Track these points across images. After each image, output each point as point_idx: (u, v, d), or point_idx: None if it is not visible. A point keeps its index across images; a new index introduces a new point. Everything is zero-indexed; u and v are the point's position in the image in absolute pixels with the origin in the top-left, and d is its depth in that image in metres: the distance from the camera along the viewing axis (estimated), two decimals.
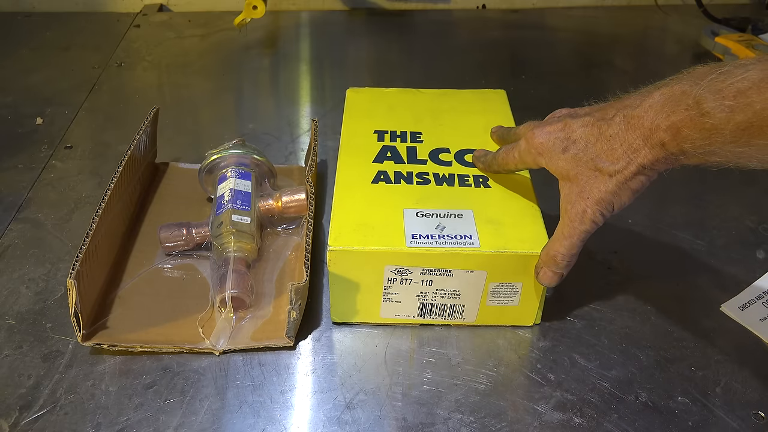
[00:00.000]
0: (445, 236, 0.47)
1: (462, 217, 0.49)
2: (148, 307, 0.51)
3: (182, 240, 0.54)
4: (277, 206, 0.57)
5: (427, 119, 0.59)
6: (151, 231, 0.57)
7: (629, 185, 0.42)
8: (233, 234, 0.52)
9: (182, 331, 0.49)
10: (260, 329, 0.49)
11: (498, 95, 0.63)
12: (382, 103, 0.62)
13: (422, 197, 0.50)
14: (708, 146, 0.38)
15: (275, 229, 0.58)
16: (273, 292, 0.52)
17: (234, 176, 0.57)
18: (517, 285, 0.48)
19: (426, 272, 0.47)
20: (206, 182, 0.60)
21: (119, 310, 0.50)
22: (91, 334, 0.48)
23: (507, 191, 0.51)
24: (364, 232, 0.47)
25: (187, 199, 0.62)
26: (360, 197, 0.50)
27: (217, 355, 0.48)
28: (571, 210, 0.44)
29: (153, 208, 0.61)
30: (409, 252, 0.46)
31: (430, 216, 0.49)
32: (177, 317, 0.50)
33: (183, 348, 0.48)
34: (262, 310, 0.51)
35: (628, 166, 0.41)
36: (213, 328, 0.49)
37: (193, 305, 0.51)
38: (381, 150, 0.55)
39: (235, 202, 0.55)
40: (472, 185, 0.52)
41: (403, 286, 0.48)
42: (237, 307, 0.50)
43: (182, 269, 0.54)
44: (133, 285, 0.53)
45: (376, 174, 0.53)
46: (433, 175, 0.53)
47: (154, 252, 0.56)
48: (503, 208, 0.50)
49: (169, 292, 0.52)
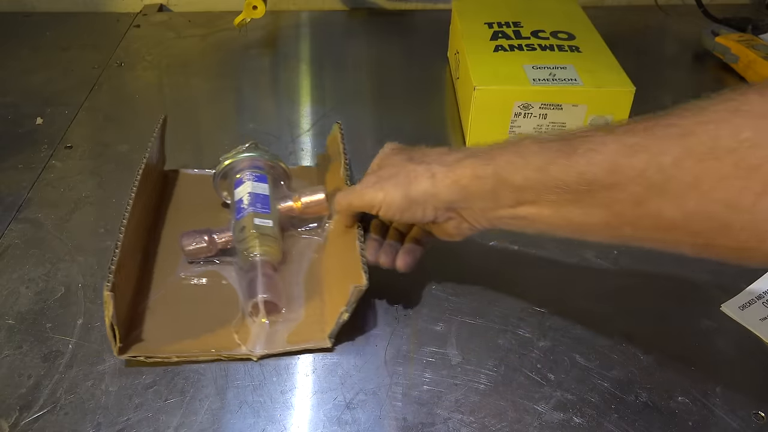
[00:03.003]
0: (557, 79, 0.65)
1: (566, 68, 0.67)
2: (177, 316, 0.50)
3: (205, 246, 0.53)
4: (297, 207, 0.56)
5: (520, 14, 0.78)
6: (170, 239, 0.56)
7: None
8: (258, 237, 0.52)
9: (217, 339, 0.48)
10: (295, 332, 0.49)
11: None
12: (485, 5, 0.80)
13: (534, 58, 0.68)
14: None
15: (295, 231, 0.57)
16: (302, 294, 0.52)
17: (251, 179, 0.56)
18: (608, 117, 0.65)
19: (543, 107, 0.65)
20: (221, 187, 0.59)
21: (150, 321, 0.50)
22: (125, 346, 0.47)
23: (594, 53, 0.69)
24: (498, 78, 0.65)
25: (202, 206, 0.60)
26: (488, 60, 0.68)
27: (255, 360, 0.47)
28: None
29: (169, 216, 0.60)
30: (533, 89, 0.64)
31: (543, 68, 0.66)
32: (208, 325, 0.49)
33: (220, 356, 0.47)
34: (294, 313, 0.50)
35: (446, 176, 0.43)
36: (247, 333, 0.49)
37: (223, 312, 0.50)
38: (494, 33, 0.74)
39: (255, 205, 0.54)
40: (568, 51, 0.70)
41: (525, 120, 0.66)
42: (269, 311, 0.49)
43: (206, 276, 0.54)
44: (160, 295, 0.52)
45: (494, 47, 0.71)
46: (538, 45, 0.71)
47: (176, 260, 0.55)
48: (594, 63, 0.67)
49: (196, 299, 0.52)
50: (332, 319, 0.48)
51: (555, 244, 0.58)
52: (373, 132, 0.75)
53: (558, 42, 0.72)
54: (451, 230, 0.46)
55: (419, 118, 0.76)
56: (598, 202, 0.36)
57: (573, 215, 0.38)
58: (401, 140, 0.50)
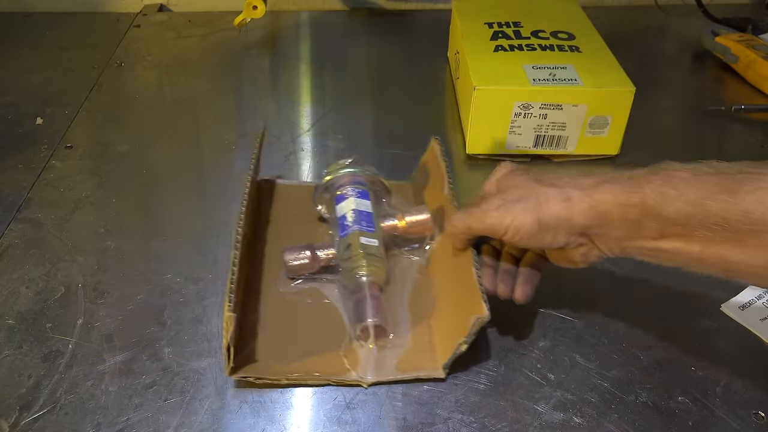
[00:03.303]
0: (557, 79, 0.65)
1: (566, 68, 0.66)
2: (283, 335, 0.49)
3: (308, 263, 0.52)
4: (401, 226, 0.54)
5: (520, 14, 0.78)
6: (270, 253, 0.55)
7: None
8: (365, 257, 0.50)
9: (324, 362, 0.47)
10: (404, 360, 0.47)
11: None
12: (485, 5, 0.80)
13: (534, 58, 0.68)
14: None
15: (396, 250, 0.55)
16: (407, 318, 0.50)
17: (353, 195, 0.54)
18: (608, 117, 0.65)
19: (543, 107, 0.64)
20: (319, 201, 0.58)
21: (255, 340, 0.48)
22: (237, 366, 0.45)
23: (594, 53, 0.69)
24: (498, 78, 0.65)
25: (299, 218, 0.59)
26: (488, 60, 0.68)
27: (365, 387, 0.46)
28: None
29: (269, 228, 0.58)
30: (533, 89, 0.64)
31: (543, 68, 0.66)
32: (314, 346, 0.48)
33: (329, 380, 0.46)
34: (401, 338, 0.49)
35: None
36: (355, 358, 0.47)
37: (327, 332, 0.49)
38: (493, 33, 0.73)
39: (360, 223, 0.52)
40: (568, 51, 0.70)
41: (525, 120, 0.65)
42: (377, 336, 0.48)
43: (307, 293, 0.52)
44: (264, 312, 0.51)
45: (494, 47, 0.71)
46: (538, 45, 0.71)
47: (276, 275, 0.53)
48: (594, 63, 0.67)
49: (300, 318, 0.50)
50: (443, 348, 0.47)
51: None
52: (373, 132, 0.75)
53: (558, 42, 0.71)
54: (577, 257, 0.43)
55: (419, 118, 0.76)
56: (764, 243, 0.34)
57: (730, 254, 0.36)
58: (401, 140, 0.50)
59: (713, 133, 0.75)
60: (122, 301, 0.52)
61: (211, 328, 0.50)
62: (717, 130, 0.75)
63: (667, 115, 0.77)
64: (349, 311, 0.50)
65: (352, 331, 0.48)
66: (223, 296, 0.44)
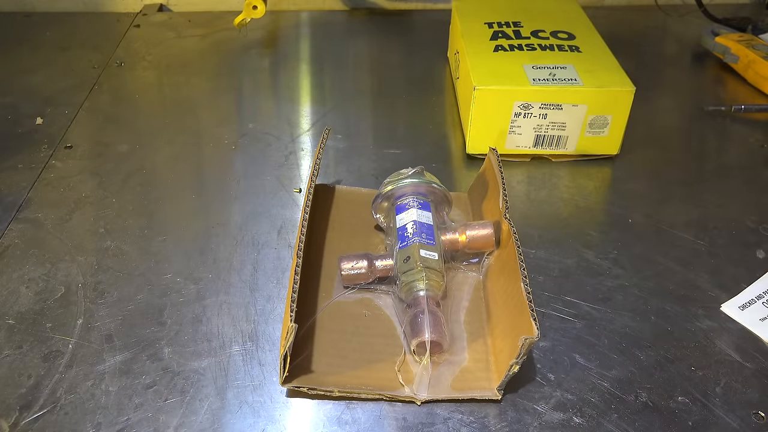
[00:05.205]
0: (557, 79, 0.65)
1: (566, 68, 0.66)
2: (336, 345, 0.48)
3: (364, 273, 0.51)
4: (462, 240, 0.53)
5: (520, 13, 0.78)
6: (327, 260, 0.54)
7: None
8: (424, 270, 0.49)
9: (378, 375, 0.46)
10: (459, 378, 0.46)
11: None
12: (485, 5, 0.80)
13: (534, 58, 0.68)
14: None
15: (452, 264, 0.54)
16: (464, 335, 0.49)
17: (415, 206, 0.53)
18: (608, 117, 0.65)
19: (543, 107, 0.64)
20: (378, 209, 0.57)
21: (309, 349, 0.48)
22: (290, 376, 0.45)
23: (594, 53, 0.70)
24: (498, 78, 0.65)
25: (355, 226, 0.58)
26: (488, 60, 0.68)
27: (419, 404, 0.45)
28: None
29: (327, 235, 0.57)
30: (533, 89, 0.64)
31: (543, 68, 0.66)
32: (368, 358, 0.47)
33: (382, 395, 0.45)
34: (457, 355, 0.48)
35: None
36: (410, 373, 0.46)
37: (381, 345, 0.48)
38: (493, 33, 0.74)
39: (421, 235, 0.51)
40: (568, 51, 0.70)
41: (525, 120, 0.65)
42: (433, 352, 0.47)
43: (362, 304, 0.51)
44: (319, 320, 0.50)
45: (494, 47, 0.71)
46: (538, 45, 0.71)
47: (331, 283, 0.53)
48: (594, 63, 0.68)
49: (354, 329, 0.50)
50: (498, 368, 0.46)
51: (554, 244, 0.58)
52: (373, 132, 0.75)
53: (558, 42, 0.72)
54: None
55: (419, 118, 0.76)
56: None
57: None
58: (401, 140, 0.50)
59: (713, 133, 0.75)
60: (122, 301, 0.52)
61: (211, 328, 0.50)
62: (717, 130, 0.75)
63: (667, 115, 0.77)
64: (405, 325, 0.48)
65: (408, 346, 0.48)
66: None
